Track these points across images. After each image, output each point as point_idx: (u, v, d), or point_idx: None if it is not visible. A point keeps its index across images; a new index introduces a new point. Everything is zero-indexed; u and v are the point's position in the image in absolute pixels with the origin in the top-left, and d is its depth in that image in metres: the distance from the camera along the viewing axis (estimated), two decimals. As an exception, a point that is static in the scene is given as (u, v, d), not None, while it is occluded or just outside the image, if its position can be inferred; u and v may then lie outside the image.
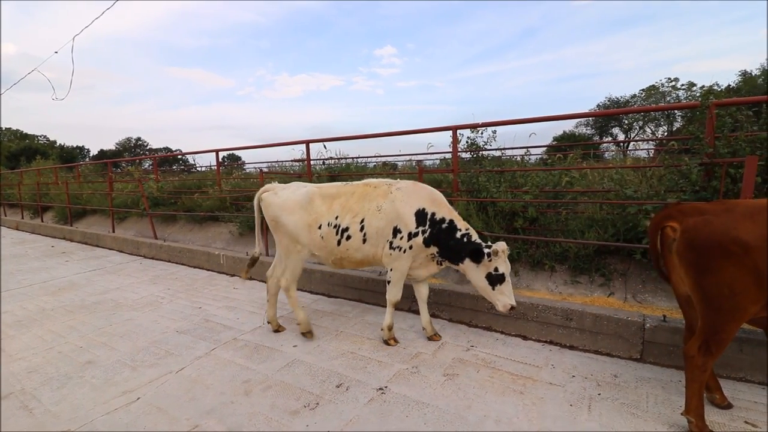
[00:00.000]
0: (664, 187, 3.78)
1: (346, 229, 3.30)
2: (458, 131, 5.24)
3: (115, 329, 3.91)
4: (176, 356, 3.29)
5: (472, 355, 3.15)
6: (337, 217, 3.34)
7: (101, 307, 4.56)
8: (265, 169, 9.79)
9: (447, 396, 2.59)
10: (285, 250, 3.53)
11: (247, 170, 13.52)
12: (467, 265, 3.13)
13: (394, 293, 3.35)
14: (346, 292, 4.61)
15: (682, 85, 32.03)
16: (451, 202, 4.93)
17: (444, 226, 3.20)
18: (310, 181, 6.36)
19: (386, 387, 2.72)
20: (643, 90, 34.33)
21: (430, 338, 3.43)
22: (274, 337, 3.61)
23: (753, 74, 26.92)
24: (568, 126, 32.59)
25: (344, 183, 3.54)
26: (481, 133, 5.35)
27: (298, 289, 5.01)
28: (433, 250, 3.24)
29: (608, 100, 36.15)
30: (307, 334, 3.55)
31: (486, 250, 3.03)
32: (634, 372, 2.84)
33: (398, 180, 3.44)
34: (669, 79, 33.05)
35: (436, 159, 9.11)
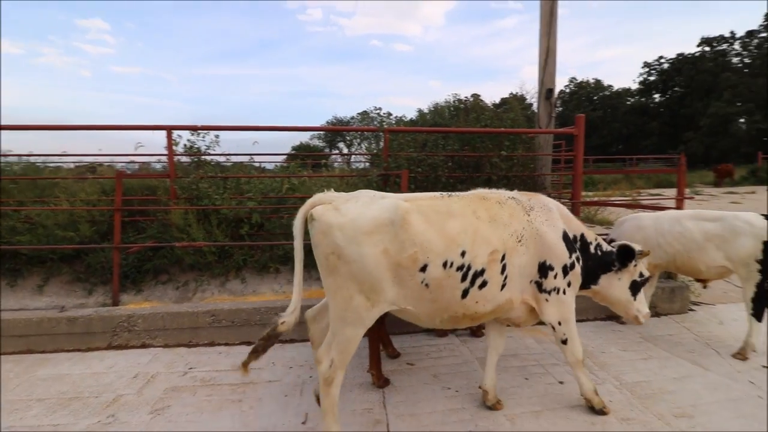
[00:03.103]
0: (358, 192, 4.71)
1: (481, 273, 2.14)
2: (175, 132, 4.76)
3: None
4: None
5: (190, 378, 2.88)
6: (464, 253, 2.11)
7: None
8: None
9: (153, 435, 2.26)
10: (340, 310, 2.06)
11: None
12: (604, 283, 2.54)
13: (576, 350, 2.42)
14: (6, 344, 3.28)
15: (384, 113, 41.65)
16: (166, 212, 4.47)
17: (578, 245, 2.49)
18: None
19: (61, 456, 2.09)
20: (359, 113, 42.29)
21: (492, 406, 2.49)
22: None
23: (425, 111, 38.33)
24: (305, 137, 35.87)
25: (444, 194, 2.30)
26: (203, 137, 5.06)
27: None
28: None
29: (335, 119, 42.30)
30: None
31: (637, 249, 2.48)
32: (340, 348, 3.35)
33: (515, 191, 2.46)
34: (375, 107, 42.49)
35: (156, 162, 7.94)
